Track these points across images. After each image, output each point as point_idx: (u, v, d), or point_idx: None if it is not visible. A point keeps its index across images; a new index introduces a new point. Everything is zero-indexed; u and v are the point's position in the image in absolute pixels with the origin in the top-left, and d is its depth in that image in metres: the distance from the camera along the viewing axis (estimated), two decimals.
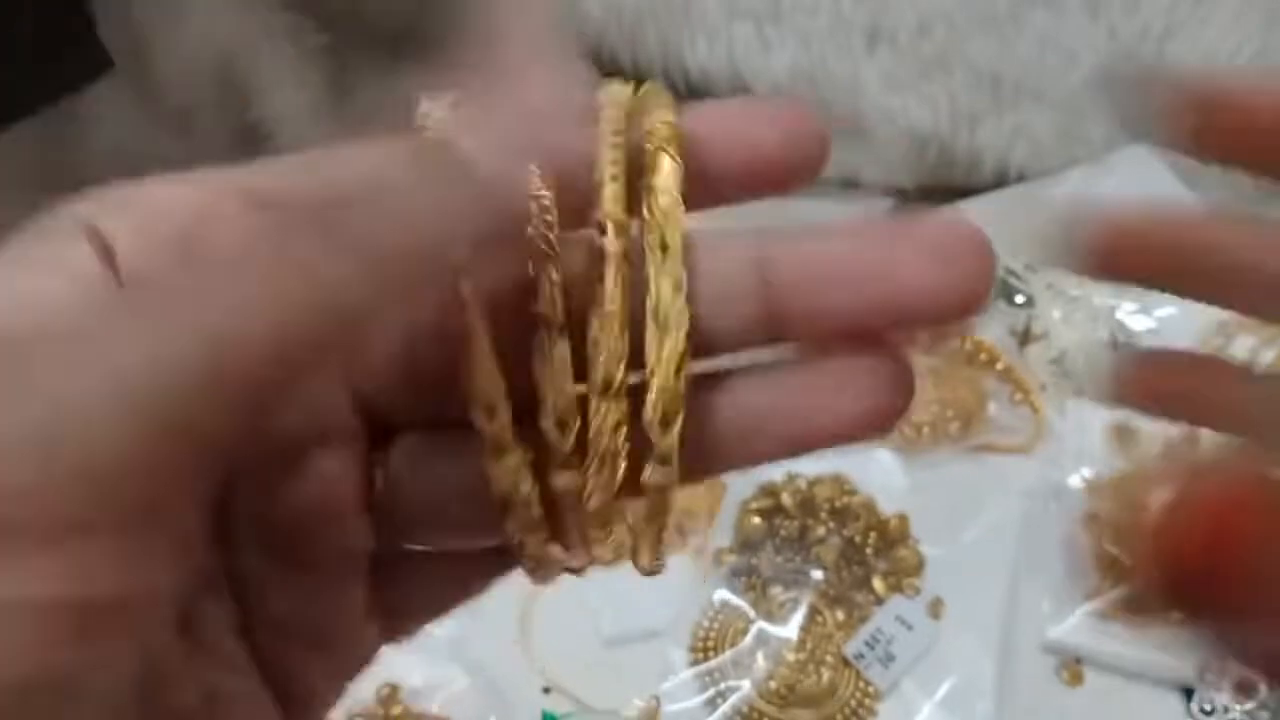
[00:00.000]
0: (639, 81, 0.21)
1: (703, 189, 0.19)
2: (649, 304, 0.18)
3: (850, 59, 0.67)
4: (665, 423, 0.19)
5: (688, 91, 0.69)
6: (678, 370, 0.18)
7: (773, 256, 0.20)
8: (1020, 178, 0.70)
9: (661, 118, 0.19)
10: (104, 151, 0.65)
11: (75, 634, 0.14)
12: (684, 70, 0.67)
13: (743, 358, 0.20)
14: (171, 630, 0.17)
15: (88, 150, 0.65)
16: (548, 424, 0.19)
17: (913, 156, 0.70)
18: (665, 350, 0.18)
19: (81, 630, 0.14)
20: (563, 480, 0.19)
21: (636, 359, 0.19)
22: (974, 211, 0.68)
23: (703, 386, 0.20)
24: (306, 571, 0.20)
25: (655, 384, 0.18)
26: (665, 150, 0.19)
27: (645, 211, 0.19)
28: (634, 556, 0.20)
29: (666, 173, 0.18)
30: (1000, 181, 0.70)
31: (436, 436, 0.21)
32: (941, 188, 0.70)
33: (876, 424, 0.20)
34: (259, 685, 0.20)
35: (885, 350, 0.20)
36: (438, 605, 0.22)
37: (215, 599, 0.20)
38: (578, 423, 0.19)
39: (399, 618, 0.22)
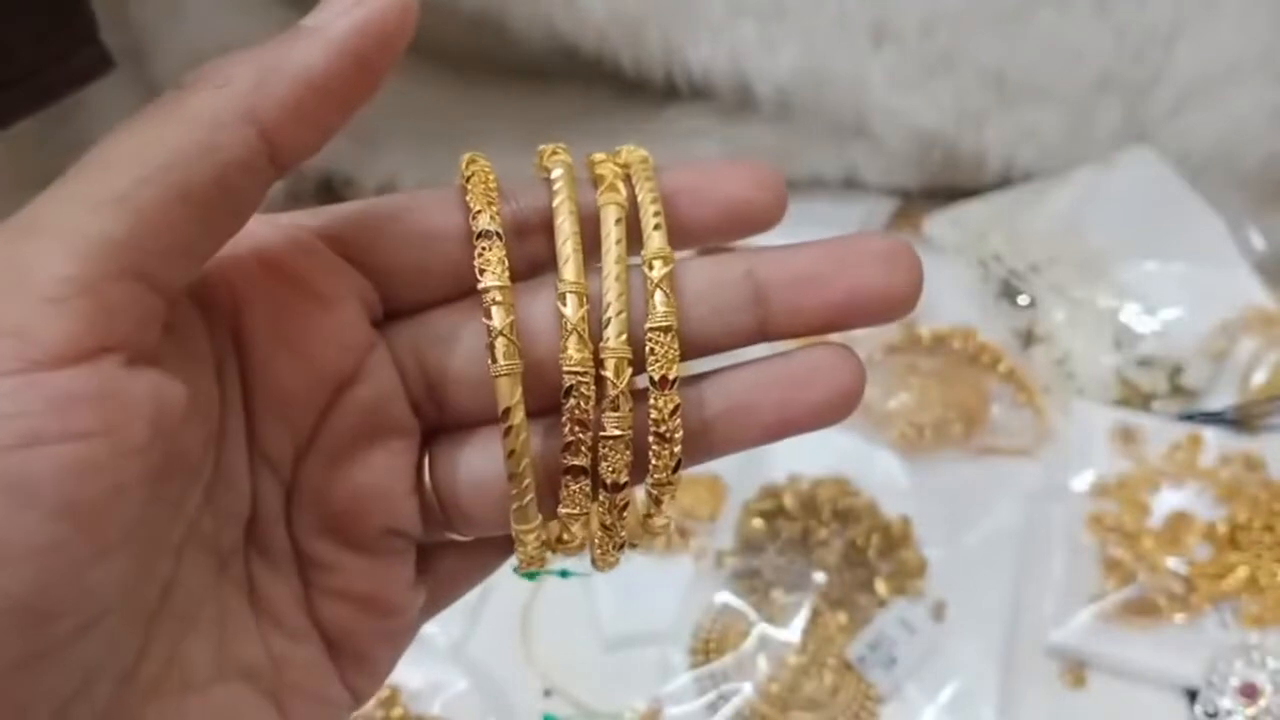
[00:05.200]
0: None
1: (685, 237, 0.24)
2: (651, 426, 0.23)
3: (855, 58, 0.66)
4: (659, 501, 0.24)
5: (690, 91, 0.68)
6: (674, 470, 0.23)
7: (756, 265, 0.24)
8: (1025, 177, 0.69)
9: (650, 213, 0.23)
10: None
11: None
12: (686, 70, 0.67)
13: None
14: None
15: (88, 150, 0.65)
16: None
17: (917, 156, 0.69)
18: (662, 459, 0.23)
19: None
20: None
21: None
22: (978, 211, 0.68)
23: (699, 381, 0.24)
24: (362, 552, 0.24)
25: (654, 478, 0.23)
26: (661, 288, 0.23)
27: (647, 347, 0.23)
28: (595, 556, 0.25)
29: (662, 312, 0.23)
30: (1005, 181, 0.70)
31: (482, 433, 0.24)
32: (945, 187, 0.70)
33: (846, 406, 0.24)
34: (321, 653, 0.24)
35: (841, 346, 0.24)
36: (464, 583, 0.27)
37: (282, 578, 0.23)
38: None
39: (437, 594, 0.26)
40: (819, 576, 0.54)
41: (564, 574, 0.49)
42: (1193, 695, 0.49)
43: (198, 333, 0.22)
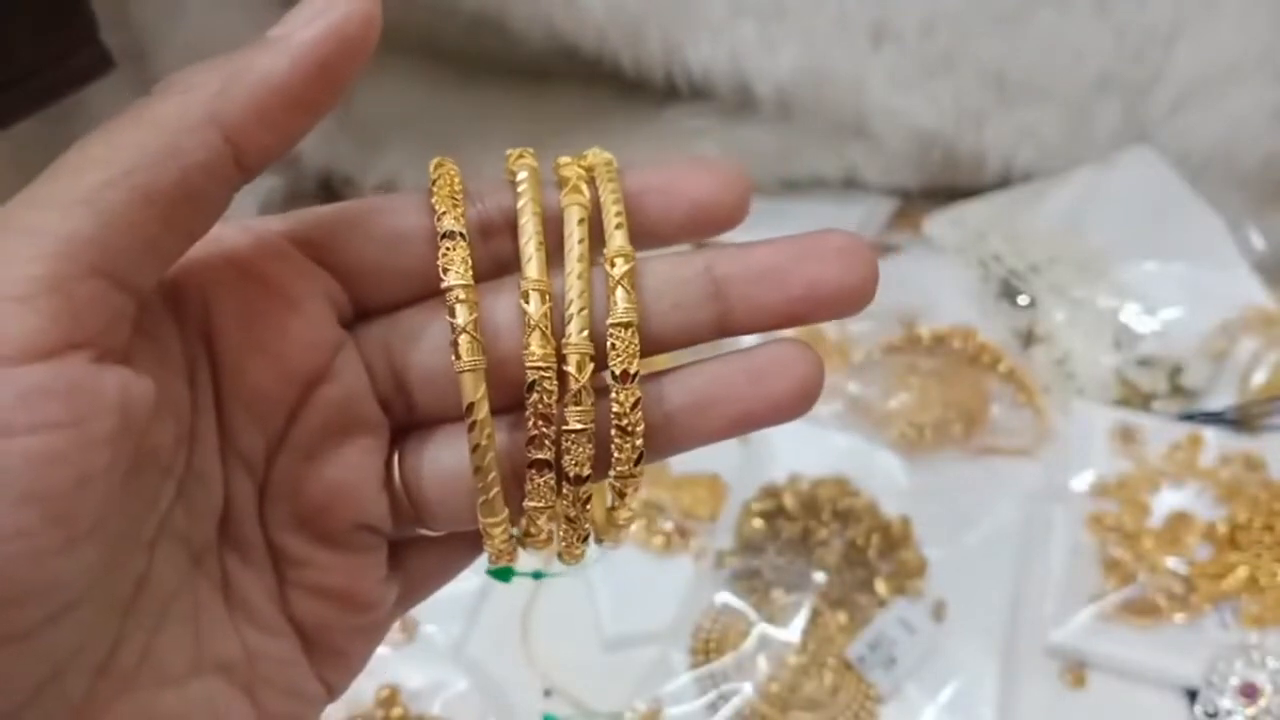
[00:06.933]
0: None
1: (650, 238, 0.25)
2: (612, 420, 0.23)
3: (855, 58, 0.66)
4: (622, 494, 0.24)
5: (690, 91, 0.68)
6: (636, 463, 0.24)
7: (715, 262, 0.24)
8: (1025, 177, 0.69)
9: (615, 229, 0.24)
10: None
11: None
12: (686, 70, 0.67)
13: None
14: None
15: None
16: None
17: (917, 156, 0.69)
18: (624, 452, 0.24)
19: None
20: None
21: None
22: (977, 211, 0.68)
23: (661, 377, 0.25)
24: (334, 547, 0.24)
25: (617, 470, 0.24)
26: (622, 285, 0.23)
27: (609, 342, 0.23)
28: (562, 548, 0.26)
29: (623, 308, 0.23)
30: (1004, 181, 0.70)
31: (448, 430, 0.25)
32: (945, 187, 0.70)
33: (806, 399, 0.24)
34: (294, 648, 0.25)
35: (800, 341, 0.25)
36: (437, 579, 0.27)
37: (256, 573, 0.24)
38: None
39: (410, 589, 0.27)
40: (819, 576, 0.54)
41: (537, 575, 0.49)
42: (1193, 695, 0.49)
43: (169, 334, 0.23)
